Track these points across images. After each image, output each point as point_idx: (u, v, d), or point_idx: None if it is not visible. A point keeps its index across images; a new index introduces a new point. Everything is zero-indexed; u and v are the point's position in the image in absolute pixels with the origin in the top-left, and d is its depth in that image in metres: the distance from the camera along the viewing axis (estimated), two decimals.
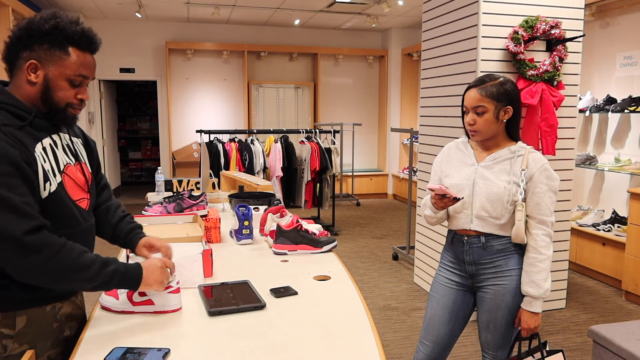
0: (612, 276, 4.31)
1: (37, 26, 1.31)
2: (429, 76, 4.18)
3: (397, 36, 8.62)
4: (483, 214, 1.88)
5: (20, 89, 1.35)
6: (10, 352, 1.29)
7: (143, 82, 10.35)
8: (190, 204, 2.33)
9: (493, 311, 1.92)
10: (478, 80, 1.89)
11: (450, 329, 2.03)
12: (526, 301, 1.86)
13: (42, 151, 1.33)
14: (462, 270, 1.99)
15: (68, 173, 1.41)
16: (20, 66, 1.34)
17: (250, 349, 1.28)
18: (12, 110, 1.31)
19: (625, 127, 4.66)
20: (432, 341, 2.04)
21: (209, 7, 7.05)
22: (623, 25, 4.70)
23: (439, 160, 2.07)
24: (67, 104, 1.37)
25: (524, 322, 1.87)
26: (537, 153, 1.88)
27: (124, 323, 1.42)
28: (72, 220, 1.40)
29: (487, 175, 1.88)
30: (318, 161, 5.80)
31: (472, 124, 1.87)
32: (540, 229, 1.84)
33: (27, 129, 1.32)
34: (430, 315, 2.06)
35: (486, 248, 1.90)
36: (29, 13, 5.41)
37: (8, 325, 1.30)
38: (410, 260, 4.89)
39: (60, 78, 1.34)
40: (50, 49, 1.32)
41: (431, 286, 2.11)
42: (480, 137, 1.89)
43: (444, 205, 1.85)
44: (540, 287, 1.82)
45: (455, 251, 2.00)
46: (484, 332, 1.98)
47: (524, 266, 1.87)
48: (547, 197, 1.83)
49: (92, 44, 1.38)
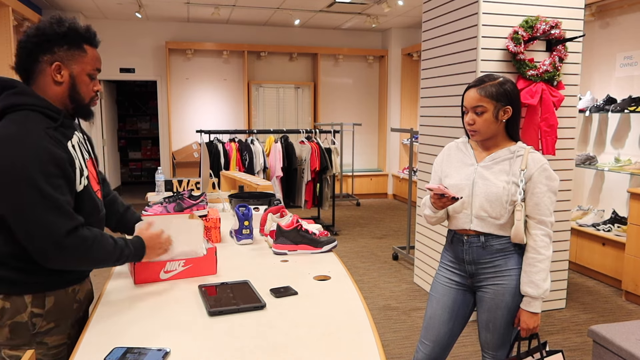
0: (612, 276, 4.31)
1: (52, 30, 1.43)
2: (429, 76, 4.18)
3: (397, 36, 8.62)
4: (482, 214, 1.88)
5: (47, 91, 1.45)
6: (39, 330, 1.46)
7: (143, 82, 10.35)
8: (190, 204, 2.33)
9: (492, 311, 1.92)
10: (477, 80, 1.89)
11: (450, 328, 2.03)
12: (525, 301, 1.86)
13: (73, 148, 1.46)
14: (461, 269, 2.00)
15: (88, 167, 1.54)
16: (42, 70, 1.44)
17: (250, 349, 1.28)
18: (46, 112, 1.42)
19: (625, 127, 4.66)
20: (432, 341, 2.04)
21: (209, 7, 7.06)
22: (623, 25, 4.70)
23: (439, 160, 2.07)
24: (90, 97, 1.52)
25: (523, 322, 1.87)
26: (536, 153, 1.88)
27: (124, 323, 1.42)
28: (95, 209, 1.54)
29: (487, 176, 1.89)
30: (318, 161, 5.80)
31: (472, 124, 1.87)
32: (540, 229, 1.84)
33: (59, 129, 1.44)
34: (430, 315, 2.06)
35: (486, 248, 1.90)
36: (29, 13, 5.41)
37: (38, 305, 1.45)
38: (410, 260, 4.89)
39: (82, 74, 1.48)
40: (69, 49, 1.45)
41: (431, 286, 2.12)
42: (480, 137, 1.90)
43: (443, 205, 1.85)
44: (540, 288, 1.82)
45: (455, 251, 2.01)
46: (483, 331, 1.99)
47: (523, 266, 1.87)
48: (546, 197, 1.83)
49: (97, 39, 1.53)
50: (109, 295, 1.63)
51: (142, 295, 1.63)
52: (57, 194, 1.34)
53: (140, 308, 1.52)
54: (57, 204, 1.34)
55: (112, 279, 1.78)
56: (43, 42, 1.42)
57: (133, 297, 1.61)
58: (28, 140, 1.33)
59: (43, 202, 1.32)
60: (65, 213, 1.36)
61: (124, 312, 1.49)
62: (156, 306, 1.54)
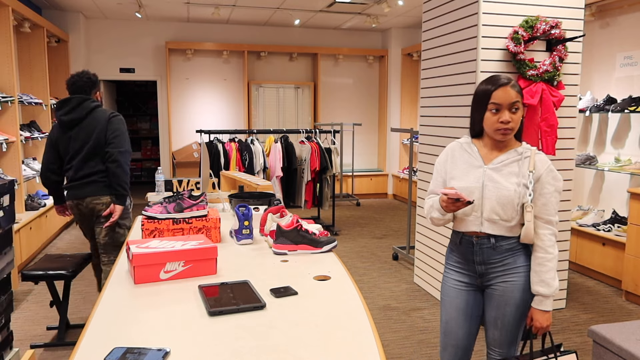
0: (612, 276, 4.31)
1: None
2: (429, 76, 4.18)
3: (397, 36, 8.62)
4: (494, 217, 1.87)
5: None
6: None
7: (143, 82, 10.35)
8: (190, 204, 2.33)
9: (501, 307, 1.93)
10: (504, 77, 1.86)
11: (467, 330, 2.03)
12: (537, 300, 1.87)
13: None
14: (471, 270, 1.99)
15: None
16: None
17: (250, 349, 1.28)
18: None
19: (625, 127, 4.66)
20: (453, 345, 2.05)
21: (209, 7, 7.06)
22: (623, 25, 4.70)
23: (442, 160, 2.03)
24: None
25: (536, 320, 1.88)
26: (541, 154, 1.89)
27: (124, 323, 1.42)
28: None
29: (497, 178, 1.87)
30: (318, 161, 5.80)
31: (509, 122, 1.82)
32: (547, 229, 1.85)
33: None
34: (446, 320, 2.06)
35: (496, 248, 1.91)
36: (29, 13, 5.41)
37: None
38: (410, 260, 4.89)
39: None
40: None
41: (441, 290, 2.10)
42: (511, 135, 1.87)
43: (456, 209, 1.82)
44: (551, 286, 1.84)
45: (463, 252, 1.99)
46: (491, 329, 1.99)
47: (533, 266, 1.88)
48: (553, 197, 1.85)
49: None
50: (109, 295, 1.63)
51: (142, 295, 1.63)
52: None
53: (140, 308, 1.52)
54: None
55: (112, 279, 1.78)
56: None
57: (133, 297, 1.61)
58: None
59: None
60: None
61: (124, 312, 1.49)
62: (156, 306, 1.54)
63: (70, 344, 3.23)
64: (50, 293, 3.29)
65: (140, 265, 1.71)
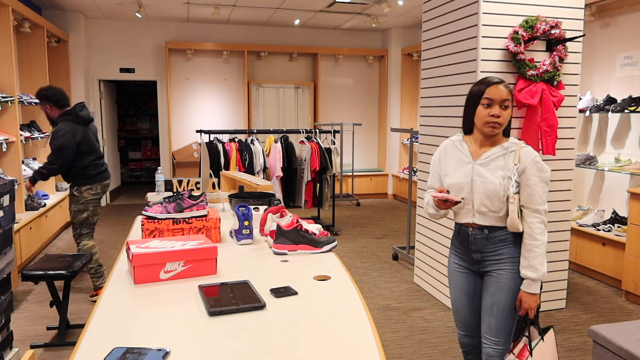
0: (612, 276, 4.31)
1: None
2: (429, 76, 4.18)
3: (397, 36, 8.62)
4: (483, 209, 2.03)
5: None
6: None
7: (143, 82, 10.35)
8: (190, 204, 2.32)
9: (497, 294, 2.06)
10: (495, 78, 2.03)
11: (472, 309, 2.20)
12: (526, 284, 2.00)
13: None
14: (468, 257, 2.14)
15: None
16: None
17: (250, 349, 1.28)
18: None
19: (625, 127, 4.66)
20: (463, 322, 2.24)
21: (209, 7, 7.06)
22: (623, 25, 4.70)
23: (436, 159, 2.19)
24: None
25: (525, 302, 2.01)
26: (528, 148, 2.02)
27: (124, 323, 1.42)
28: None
29: (484, 173, 2.02)
30: (318, 161, 5.80)
31: (498, 117, 1.97)
32: (535, 217, 1.98)
33: None
34: (453, 300, 2.26)
35: (489, 239, 2.05)
36: (29, 13, 5.40)
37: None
38: (410, 260, 4.89)
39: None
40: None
41: (447, 271, 2.29)
42: (498, 130, 2.01)
43: (447, 207, 2.01)
44: (538, 271, 1.97)
45: (461, 240, 2.15)
46: (487, 316, 2.10)
47: (522, 252, 2.01)
48: (539, 187, 1.98)
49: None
50: (109, 295, 1.63)
51: (142, 295, 1.63)
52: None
53: (140, 308, 1.52)
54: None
55: (112, 279, 1.78)
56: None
57: (133, 297, 1.61)
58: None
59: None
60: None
61: (124, 312, 1.49)
62: (156, 306, 1.54)
63: (70, 344, 3.23)
64: (50, 293, 3.29)
65: (140, 265, 1.71)
